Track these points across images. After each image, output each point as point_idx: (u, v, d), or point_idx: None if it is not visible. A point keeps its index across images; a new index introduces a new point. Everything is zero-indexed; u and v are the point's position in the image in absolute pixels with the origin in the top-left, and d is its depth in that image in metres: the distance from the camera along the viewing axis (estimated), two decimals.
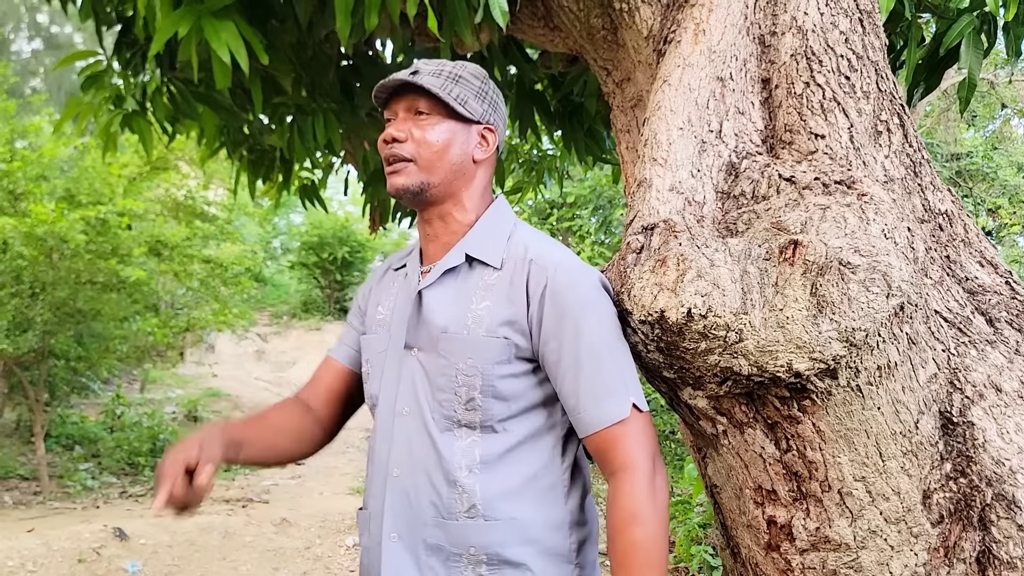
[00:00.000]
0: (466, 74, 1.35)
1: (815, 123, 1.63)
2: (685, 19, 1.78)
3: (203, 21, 2.16)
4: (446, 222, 1.34)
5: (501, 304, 1.25)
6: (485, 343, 1.24)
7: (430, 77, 1.30)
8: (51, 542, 4.15)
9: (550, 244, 1.32)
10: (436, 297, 1.30)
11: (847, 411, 1.17)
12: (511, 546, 1.22)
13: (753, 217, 1.45)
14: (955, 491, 1.17)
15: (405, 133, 1.30)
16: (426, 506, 1.24)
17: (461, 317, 1.27)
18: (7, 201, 5.86)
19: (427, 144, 1.30)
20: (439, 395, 1.26)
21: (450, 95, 1.30)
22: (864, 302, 1.12)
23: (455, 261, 1.30)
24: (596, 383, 1.20)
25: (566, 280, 1.23)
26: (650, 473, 1.18)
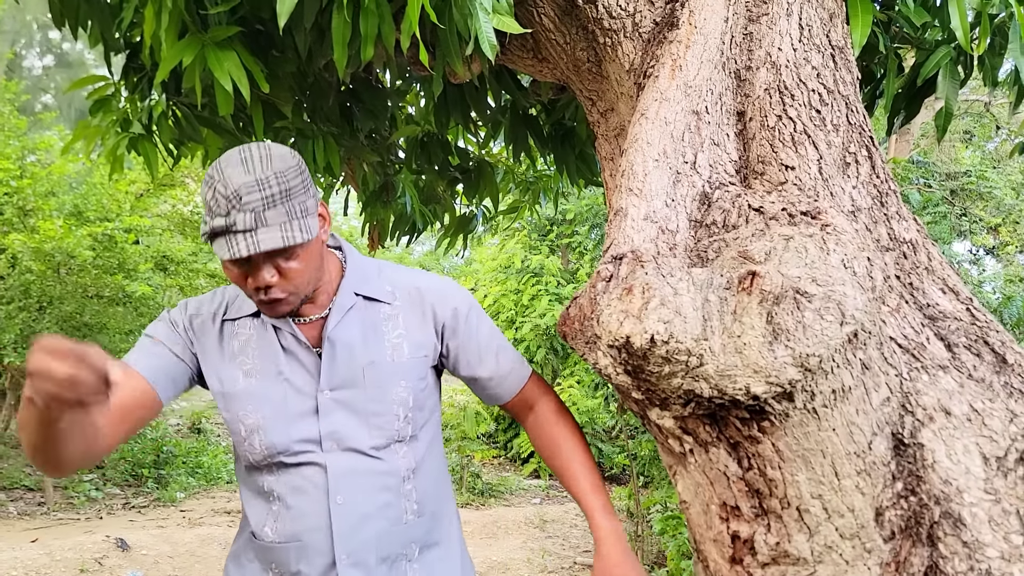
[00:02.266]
0: (291, 180, 1.27)
1: (786, 155, 1.70)
2: (663, 54, 1.86)
3: (207, 51, 2.25)
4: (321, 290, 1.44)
5: (411, 329, 1.47)
6: (410, 365, 1.46)
7: (275, 214, 1.23)
8: (54, 552, 4.22)
9: (421, 273, 1.58)
10: (344, 337, 1.41)
11: (804, 432, 1.24)
12: (435, 531, 1.51)
13: (723, 245, 1.52)
14: (906, 509, 1.23)
15: (274, 275, 1.28)
16: (375, 522, 1.41)
17: (380, 348, 1.44)
18: (17, 217, 5.97)
19: (299, 273, 1.30)
20: (375, 420, 1.42)
21: (299, 229, 1.25)
22: (818, 329, 1.19)
23: (348, 301, 1.43)
24: (508, 358, 1.56)
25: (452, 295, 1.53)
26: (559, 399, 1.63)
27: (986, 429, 1.24)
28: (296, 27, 2.20)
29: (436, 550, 1.51)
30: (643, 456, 6.55)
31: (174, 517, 5.81)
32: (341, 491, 1.38)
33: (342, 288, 1.44)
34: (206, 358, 1.43)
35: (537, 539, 5.73)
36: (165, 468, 7.53)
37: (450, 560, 1.54)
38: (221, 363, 1.43)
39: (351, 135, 3.24)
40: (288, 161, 1.29)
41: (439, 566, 1.51)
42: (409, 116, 3.82)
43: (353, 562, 1.39)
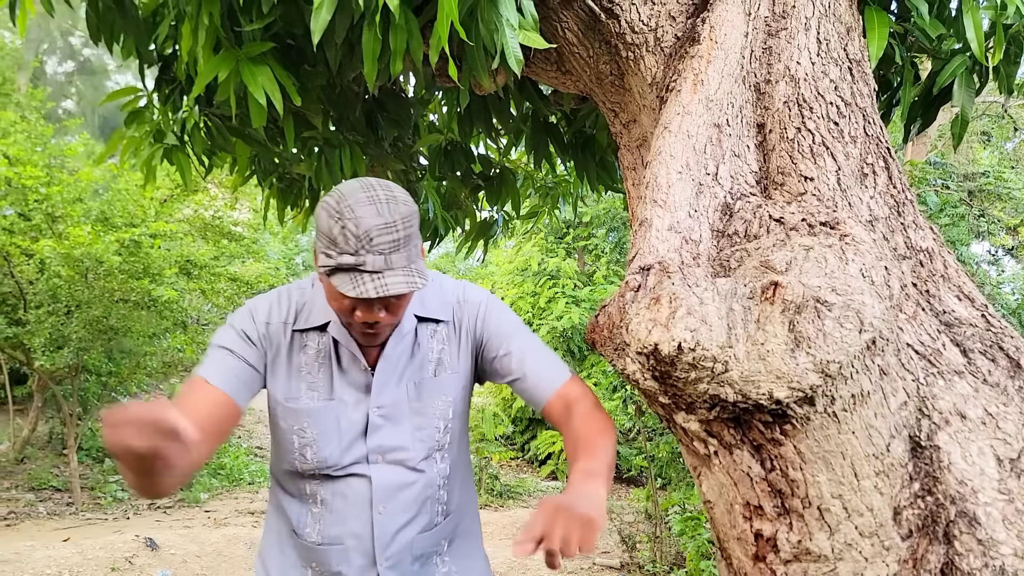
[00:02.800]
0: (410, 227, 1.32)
1: (805, 166, 1.76)
2: (685, 69, 1.92)
3: (241, 65, 2.33)
4: None
5: (453, 346, 1.54)
6: (452, 380, 1.54)
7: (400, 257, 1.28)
8: (86, 551, 4.32)
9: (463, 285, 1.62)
10: (394, 358, 1.49)
11: (824, 435, 1.30)
12: (460, 524, 1.62)
13: (744, 255, 1.58)
14: (923, 508, 1.29)
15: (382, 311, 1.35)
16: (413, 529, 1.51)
17: (425, 366, 1.52)
18: (46, 223, 6.10)
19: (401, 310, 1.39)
20: (418, 433, 1.51)
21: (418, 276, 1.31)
22: (838, 337, 1.25)
23: (410, 325, 1.50)
24: (546, 360, 1.54)
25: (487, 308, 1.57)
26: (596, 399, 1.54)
27: (1000, 432, 1.29)
28: (327, 42, 2.27)
29: (460, 542, 1.62)
30: (660, 458, 6.59)
31: (199, 517, 5.92)
32: (383, 502, 1.48)
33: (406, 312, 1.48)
34: (275, 367, 1.48)
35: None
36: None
37: (473, 550, 1.66)
38: (288, 375, 1.47)
39: (376, 143, 3.32)
40: (410, 206, 1.33)
41: (463, 558, 1.62)
42: (431, 124, 3.90)
43: (391, 564, 1.49)
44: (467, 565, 1.63)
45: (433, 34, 2.01)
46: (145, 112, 3.19)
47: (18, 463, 7.06)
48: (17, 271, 6.20)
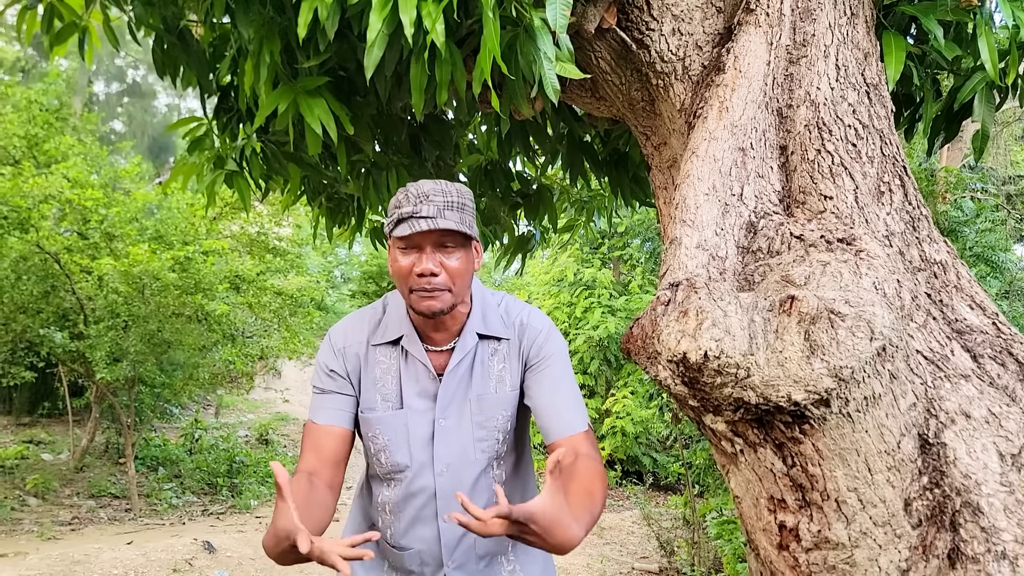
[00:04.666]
0: (466, 200, 1.60)
1: (824, 186, 1.90)
2: (711, 97, 2.07)
3: (299, 98, 2.53)
4: (454, 317, 1.65)
5: (512, 363, 1.67)
6: (511, 397, 1.66)
7: (452, 214, 1.53)
8: (148, 553, 4.56)
9: (530, 309, 1.74)
10: (461, 373, 1.65)
11: (840, 433, 1.44)
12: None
13: (767, 270, 1.72)
14: (931, 499, 1.42)
15: (439, 267, 1.54)
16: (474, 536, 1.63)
17: (487, 382, 1.65)
18: (103, 242, 6.42)
19: (457, 274, 1.56)
20: (480, 444, 1.64)
21: (466, 226, 1.54)
22: (850, 345, 1.39)
23: (472, 342, 1.65)
24: (568, 404, 1.64)
25: (545, 336, 1.69)
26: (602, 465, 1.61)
27: (1002, 430, 1.42)
28: (378, 75, 2.44)
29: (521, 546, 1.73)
30: (698, 465, 6.67)
31: (251, 523, 6.15)
32: (447, 510, 1.62)
33: (467, 327, 1.65)
34: (358, 383, 1.68)
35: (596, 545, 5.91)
36: (238, 477, 7.93)
37: (535, 553, 1.75)
38: (367, 387, 1.66)
39: (420, 164, 3.50)
40: (468, 192, 1.62)
41: (525, 554, 1.73)
42: (471, 144, 4.08)
43: (458, 565, 1.65)
44: (529, 562, 1.74)
45: (476, 67, 2.18)
46: (205, 140, 3.41)
47: (77, 471, 7.38)
48: (77, 288, 6.52)
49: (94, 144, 8.40)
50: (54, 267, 6.41)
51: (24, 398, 9.00)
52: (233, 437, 9.15)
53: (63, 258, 6.45)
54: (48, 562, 4.30)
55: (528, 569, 1.73)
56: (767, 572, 1.68)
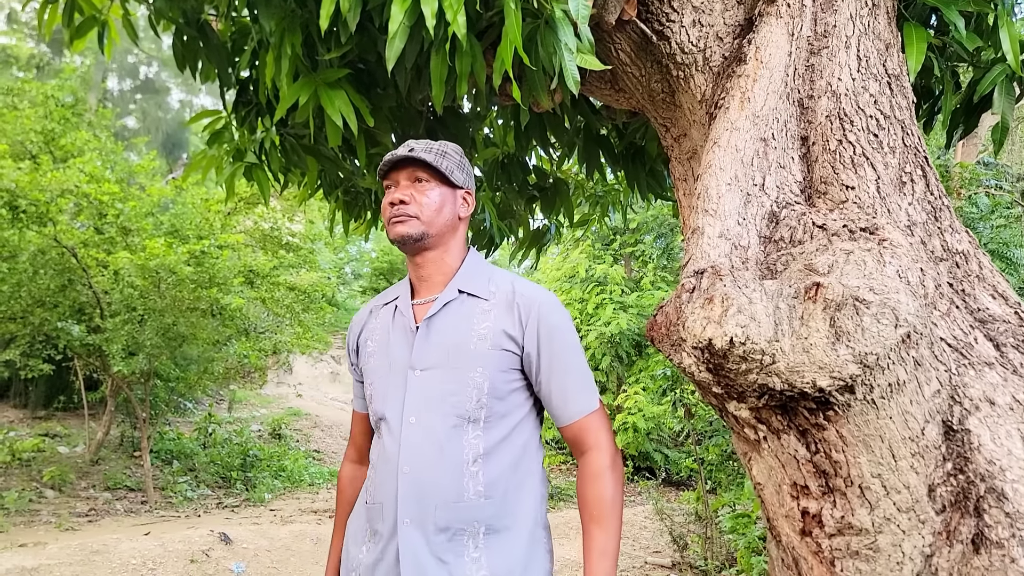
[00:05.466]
0: (450, 150, 1.74)
1: (846, 176, 1.90)
2: (732, 87, 2.08)
3: (319, 90, 2.54)
4: (438, 265, 1.71)
5: (499, 325, 1.64)
6: (490, 355, 1.62)
7: (425, 153, 1.69)
8: (166, 544, 4.61)
9: (526, 281, 1.72)
10: (439, 324, 1.66)
11: (864, 420, 1.44)
12: (503, 517, 1.60)
13: (790, 259, 1.73)
14: (955, 485, 1.42)
15: (408, 196, 1.67)
16: (435, 493, 1.57)
17: (467, 336, 1.63)
18: (119, 236, 6.47)
19: (427, 204, 1.67)
20: (450, 399, 1.60)
21: (442, 166, 1.68)
22: (875, 331, 1.40)
23: (451, 295, 1.67)
24: (576, 384, 1.65)
25: (547, 309, 1.66)
26: (613, 451, 1.66)
27: None
28: (398, 68, 2.45)
29: (503, 536, 1.59)
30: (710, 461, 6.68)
31: (266, 515, 6.19)
32: (408, 462, 1.58)
33: (451, 283, 1.69)
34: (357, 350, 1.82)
35: None
36: (251, 471, 7.98)
37: (514, 548, 1.59)
38: (363, 347, 1.77)
39: None
40: (455, 147, 1.77)
41: (500, 551, 1.58)
42: (487, 138, 4.09)
43: (414, 526, 1.55)
44: (500, 557, 1.57)
45: (497, 58, 2.19)
46: (225, 133, 3.44)
47: (93, 464, 7.44)
48: (94, 281, 6.58)
49: (109, 139, 8.46)
50: (71, 261, 6.47)
51: (40, 392, 9.08)
52: (246, 431, 9.21)
53: (80, 252, 6.51)
54: (67, 552, 4.35)
55: (496, 562, 1.57)
56: (789, 558, 1.69)
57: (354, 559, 1.68)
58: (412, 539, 1.56)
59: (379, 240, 17.54)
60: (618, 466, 1.64)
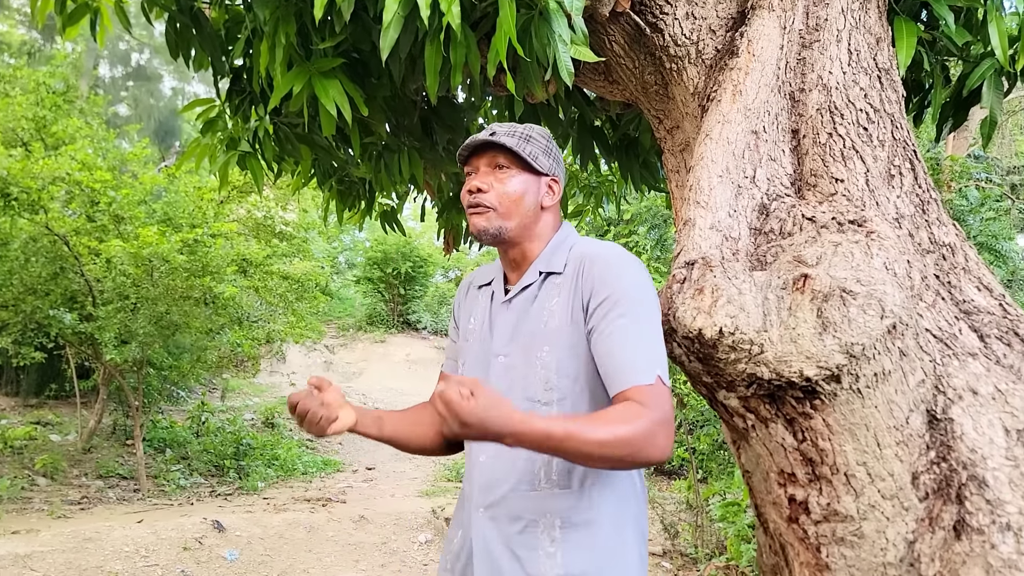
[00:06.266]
0: (535, 134, 1.61)
1: (836, 168, 1.92)
2: (725, 80, 2.09)
3: (314, 80, 2.55)
4: (525, 256, 1.59)
5: (566, 297, 1.49)
6: (558, 332, 1.47)
7: (507, 137, 1.56)
8: (159, 532, 4.63)
9: (600, 243, 1.54)
10: (517, 307, 1.56)
11: (850, 409, 1.47)
12: (582, 510, 1.43)
13: (779, 251, 1.75)
14: (938, 473, 1.45)
15: (487, 185, 1.55)
16: (509, 483, 1.47)
17: (539, 316, 1.51)
18: (112, 224, 6.45)
19: (506, 194, 1.55)
20: (522, 382, 1.48)
21: (524, 151, 1.55)
22: (861, 322, 1.42)
23: (531, 279, 1.55)
24: (628, 351, 1.37)
25: (602, 262, 1.46)
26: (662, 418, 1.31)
27: (1008, 406, 1.45)
28: (393, 57, 2.46)
29: (583, 532, 1.43)
30: (701, 451, 6.73)
31: (259, 504, 6.22)
32: (484, 450, 1.52)
33: (533, 265, 1.57)
34: (461, 317, 1.74)
35: None
36: (244, 460, 7.99)
37: (595, 546, 1.43)
38: (463, 323, 1.71)
39: (431, 148, 3.53)
40: (540, 130, 1.63)
41: (579, 549, 1.42)
42: (481, 127, 4.10)
43: (490, 516, 1.49)
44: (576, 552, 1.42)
45: (491, 49, 2.20)
46: (218, 121, 3.44)
47: (85, 452, 7.44)
48: (86, 269, 6.56)
49: (101, 127, 8.43)
50: (63, 249, 6.45)
51: (32, 380, 9.07)
52: (239, 420, 9.22)
53: (72, 240, 6.49)
54: (60, 539, 4.37)
55: (573, 560, 1.41)
56: (776, 545, 1.72)
57: (449, 543, 1.67)
58: (485, 529, 1.49)
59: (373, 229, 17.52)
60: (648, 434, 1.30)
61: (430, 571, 4.97)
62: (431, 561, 5.10)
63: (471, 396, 1.20)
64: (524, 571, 1.42)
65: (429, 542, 5.37)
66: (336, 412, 1.50)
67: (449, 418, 1.21)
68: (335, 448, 10.01)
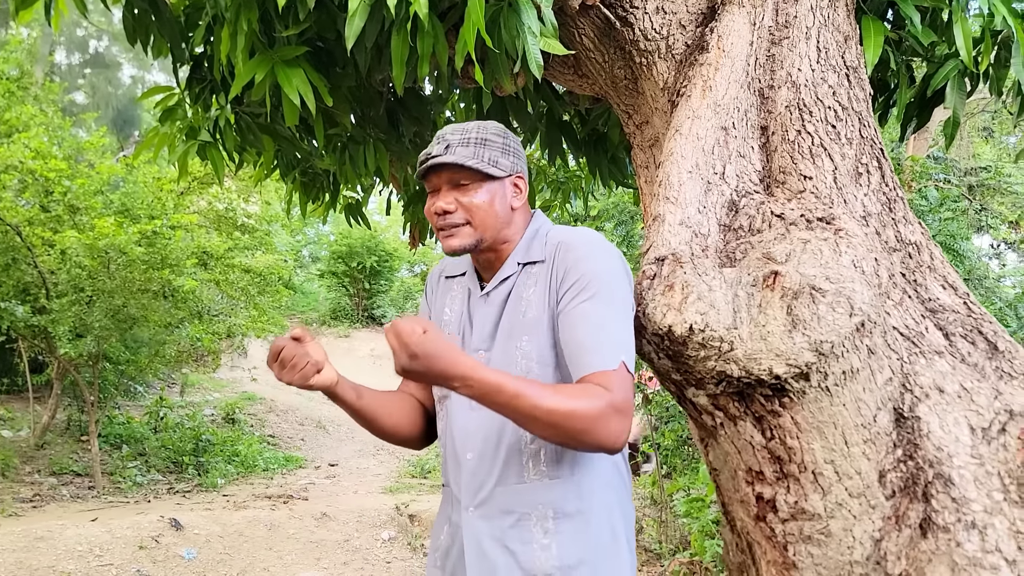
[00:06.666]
0: (489, 135, 1.53)
1: (804, 166, 1.92)
2: (695, 76, 2.08)
3: (276, 68, 2.48)
4: (500, 256, 1.56)
5: (543, 286, 1.47)
6: (537, 321, 1.45)
7: (462, 149, 1.49)
8: (114, 530, 4.51)
9: (574, 229, 1.53)
10: (495, 299, 1.53)
11: (818, 407, 1.47)
12: (572, 499, 1.42)
13: (748, 247, 1.74)
14: (904, 471, 1.45)
15: (453, 204, 1.50)
16: (498, 478, 1.45)
17: (517, 306, 1.49)
18: (67, 214, 6.28)
19: (475, 207, 1.49)
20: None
21: (484, 161, 1.49)
22: (830, 320, 1.42)
23: (510, 270, 1.52)
24: (591, 336, 1.35)
25: (580, 255, 1.43)
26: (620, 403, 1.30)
27: (974, 404, 1.46)
28: (358, 47, 2.40)
29: (576, 521, 1.42)
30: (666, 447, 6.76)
31: (219, 501, 6.10)
32: (471, 447, 1.48)
33: (510, 257, 1.54)
34: (434, 308, 1.67)
35: None
36: (204, 456, 7.85)
37: (588, 535, 1.42)
38: (437, 312, 1.65)
39: (397, 140, 3.47)
40: (495, 128, 1.55)
41: (573, 539, 1.41)
42: (448, 121, 4.05)
43: (480, 514, 1.45)
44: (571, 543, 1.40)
45: (459, 40, 2.16)
46: (178, 110, 3.35)
47: (38, 448, 7.25)
48: (39, 261, 6.38)
49: (56, 115, 8.20)
50: (15, 239, 6.26)
51: None
52: (199, 416, 9.05)
53: (24, 230, 6.31)
54: (10, 538, 4.23)
55: (567, 551, 1.40)
56: (743, 543, 1.72)
57: (435, 539, 1.62)
58: (476, 526, 1.46)
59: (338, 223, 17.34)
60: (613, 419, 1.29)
61: (393, 568, 4.92)
62: (394, 559, 5.06)
63: (423, 332, 1.20)
64: (519, 566, 1.41)
65: (392, 539, 5.32)
66: (322, 363, 1.44)
67: (398, 348, 1.20)
68: (297, 444, 9.89)
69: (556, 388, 1.32)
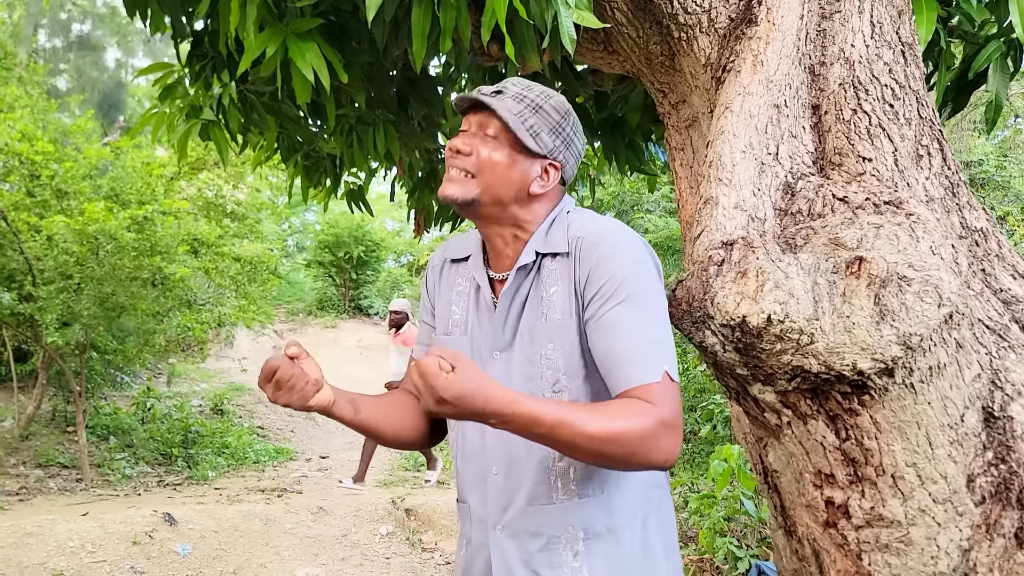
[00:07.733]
0: (547, 106, 1.38)
1: (863, 147, 1.80)
2: (744, 50, 1.95)
3: (289, 41, 2.33)
4: (505, 240, 1.40)
5: (564, 285, 1.32)
6: (562, 325, 1.31)
7: (511, 101, 1.34)
8: (106, 525, 4.35)
9: (599, 220, 1.37)
10: (510, 296, 1.37)
11: (901, 405, 1.35)
12: (603, 518, 1.31)
13: (811, 233, 1.62)
14: (996, 476, 1.34)
15: (471, 148, 1.35)
16: (526, 498, 1.32)
17: (538, 307, 1.34)
18: (54, 199, 6.07)
19: (487, 163, 1.34)
20: (527, 384, 1.32)
21: (523, 125, 1.34)
22: (919, 311, 1.30)
23: (527, 259, 1.35)
24: (630, 347, 1.23)
25: (604, 253, 1.28)
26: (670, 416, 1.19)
27: None
28: (376, 20, 2.26)
29: (607, 541, 1.31)
30: None
31: (211, 494, 5.94)
32: (496, 462, 1.35)
33: (528, 245, 1.37)
34: (437, 301, 1.51)
35: None
36: (193, 448, 7.67)
37: (621, 555, 1.31)
38: (440, 308, 1.49)
39: (406, 122, 3.33)
40: (558, 103, 1.40)
41: (605, 560, 1.30)
42: None
43: (508, 534, 1.34)
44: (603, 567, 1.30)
45: (487, 11, 2.02)
46: (178, 88, 3.18)
47: (23, 440, 7.05)
48: (25, 247, 6.18)
49: (41, 97, 7.96)
50: (0, 224, 6.06)
51: None
52: (187, 407, 8.86)
53: (10, 215, 6.10)
54: None
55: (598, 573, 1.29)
56: (806, 550, 1.60)
57: (456, 557, 1.49)
58: (504, 546, 1.34)
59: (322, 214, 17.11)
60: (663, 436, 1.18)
61: (392, 564, 4.80)
62: (393, 554, 4.93)
63: (451, 370, 1.06)
64: None
65: (390, 534, 5.19)
66: (321, 382, 1.27)
67: (424, 392, 1.07)
68: (287, 436, 9.72)
69: (596, 409, 1.19)
